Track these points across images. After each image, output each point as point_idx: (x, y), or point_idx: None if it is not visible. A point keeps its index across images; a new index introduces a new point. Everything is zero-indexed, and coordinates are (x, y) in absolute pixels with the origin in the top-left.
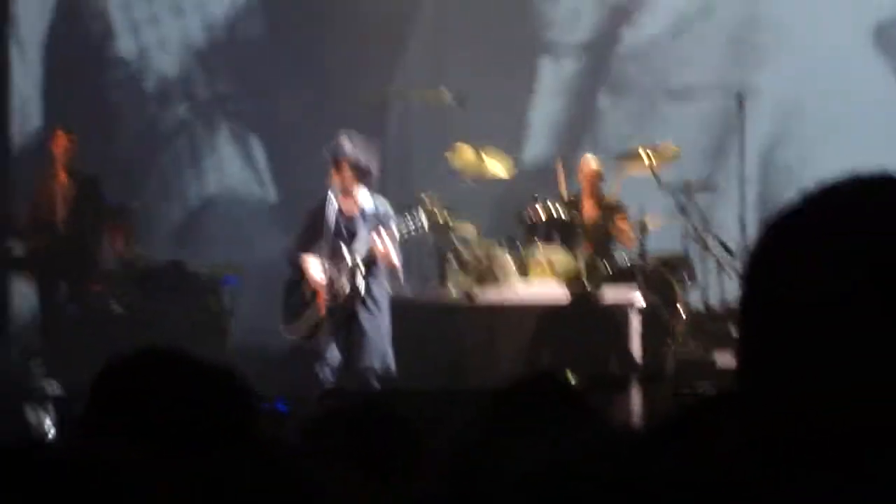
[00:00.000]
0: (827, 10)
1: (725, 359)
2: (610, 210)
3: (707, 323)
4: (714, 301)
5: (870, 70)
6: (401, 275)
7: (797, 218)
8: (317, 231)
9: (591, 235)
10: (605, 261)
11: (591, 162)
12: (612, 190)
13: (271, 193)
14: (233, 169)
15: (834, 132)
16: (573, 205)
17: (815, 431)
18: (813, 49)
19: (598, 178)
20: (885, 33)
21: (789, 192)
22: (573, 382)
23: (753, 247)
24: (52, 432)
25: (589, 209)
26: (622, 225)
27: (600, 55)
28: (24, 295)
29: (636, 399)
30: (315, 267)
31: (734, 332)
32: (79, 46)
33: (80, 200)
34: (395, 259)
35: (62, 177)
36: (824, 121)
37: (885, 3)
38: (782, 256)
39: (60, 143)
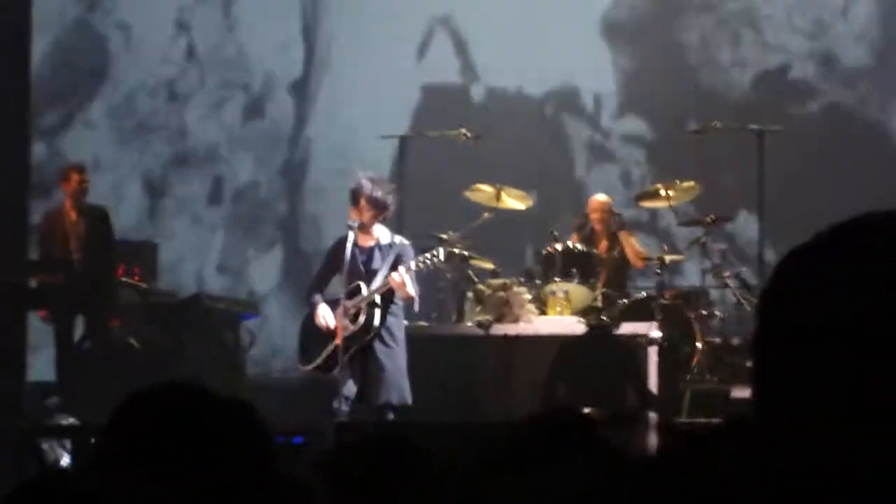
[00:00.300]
0: None
1: (744, 392)
2: (619, 235)
3: (725, 357)
4: (732, 335)
5: None
6: (417, 307)
7: (810, 254)
8: (336, 266)
9: (606, 268)
10: (622, 295)
11: (598, 197)
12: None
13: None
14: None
15: None
16: (588, 240)
17: (827, 464)
18: None
19: (607, 212)
20: None
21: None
22: (590, 417)
23: (767, 282)
24: (64, 460)
25: (602, 243)
26: (628, 247)
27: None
28: (38, 330)
29: (653, 433)
30: (327, 307)
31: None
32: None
33: (91, 236)
34: (412, 291)
35: (72, 214)
36: None
37: None
38: (795, 291)
39: (73, 181)
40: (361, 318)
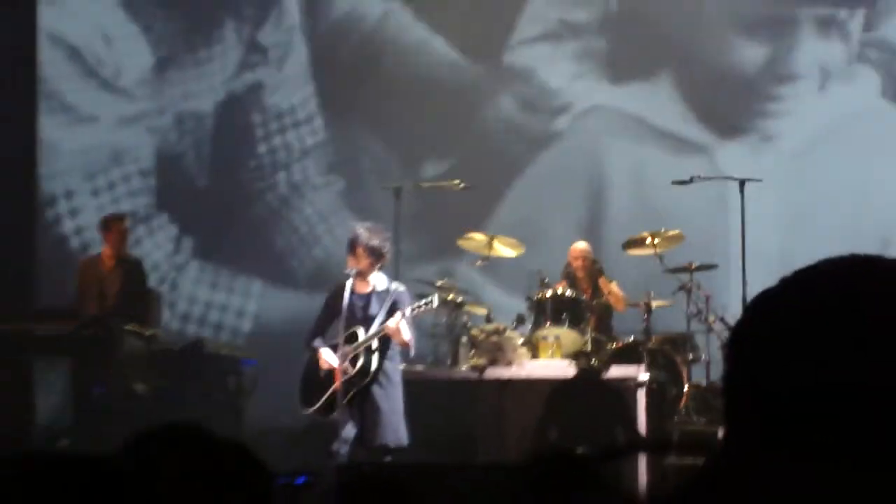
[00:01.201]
0: None
1: None
2: (606, 290)
3: (711, 398)
4: (717, 377)
5: None
6: (413, 351)
7: (775, 299)
8: (334, 312)
9: (595, 314)
10: (610, 339)
11: (578, 245)
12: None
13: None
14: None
15: None
16: (573, 286)
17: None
18: None
19: (588, 258)
20: None
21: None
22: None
23: (735, 325)
24: None
25: (587, 289)
26: (610, 287)
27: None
28: (44, 374)
29: (643, 470)
30: (329, 350)
31: None
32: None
33: (127, 288)
34: (407, 337)
35: (109, 263)
36: None
37: None
38: (761, 335)
39: (116, 230)
40: (359, 363)
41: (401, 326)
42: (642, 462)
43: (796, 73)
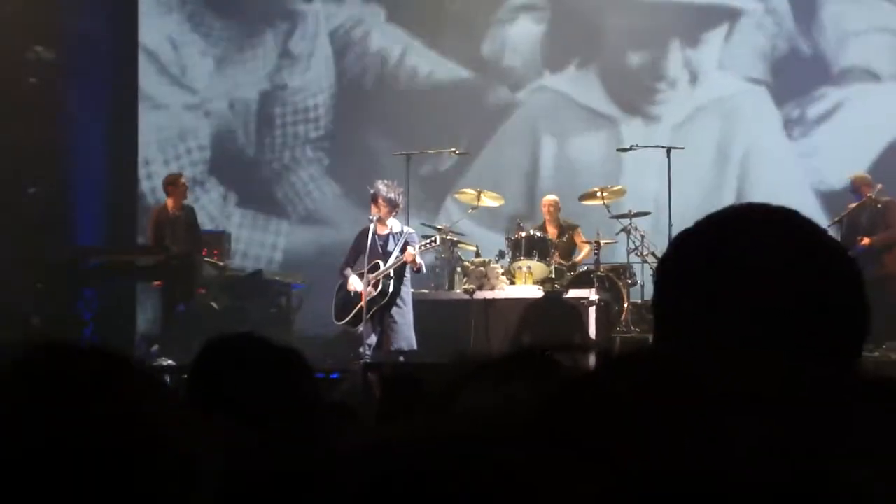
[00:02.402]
0: None
1: None
2: (568, 229)
3: (645, 313)
4: (649, 297)
5: None
6: (424, 271)
7: (691, 234)
8: (361, 248)
9: (558, 250)
10: (569, 269)
11: (548, 197)
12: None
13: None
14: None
15: None
16: (542, 228)
17: (700, 372)
18: None
19: (555, 208)
20: None
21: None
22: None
23: (662, 257)
24: None
25: (552, 231)
26: (578, 239)
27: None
28: (146, 296)
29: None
30: (356, 278)
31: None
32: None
33: (187, 226)
34: (420, 261)
35: (174, 209)
36: None
37: None
38: (680, 261)
39: (176, 187)
40: (380, 287)
41: (416, 255)
42: (592, 360)
43: (671, 75)
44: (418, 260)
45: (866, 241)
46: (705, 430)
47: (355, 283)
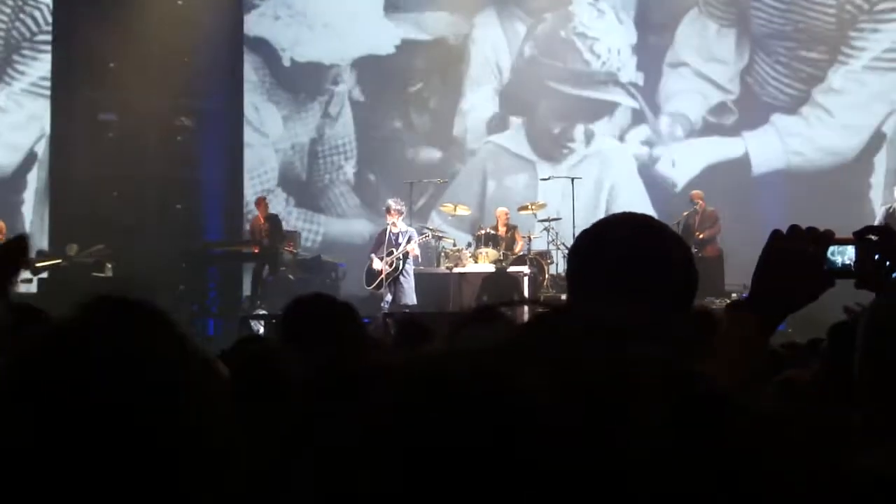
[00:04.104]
0: None
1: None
2: (511, 229)
3: (559, 282)
4: (563, 271)
5: None
6: (420, 258)
7: (590, 231)
8: (381, 242)
9: (505, 243)
10: (512, 254)
11: (500, 209)
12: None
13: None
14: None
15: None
16: (495, 228)
17: (600, 321)
18: None
19: (505, 216)
20: None
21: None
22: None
23: (571, 246)
24: (260, 331)
25: (502, 230)
26: (517, 235)
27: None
28: (248, 272)
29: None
30: (377, 259)
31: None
32: None
33: (272, 230)
34: (418, 252)
35: (262, 219)
36: None
37: None
38: (582, 245)
39: (262, 204)
40: (393, 265)
41: (414, 248)
42: (526, 312)
43: (575, 137)
44: (416, 251)
45: (700, 235)
46: (588, 351)
47: (377, 263)
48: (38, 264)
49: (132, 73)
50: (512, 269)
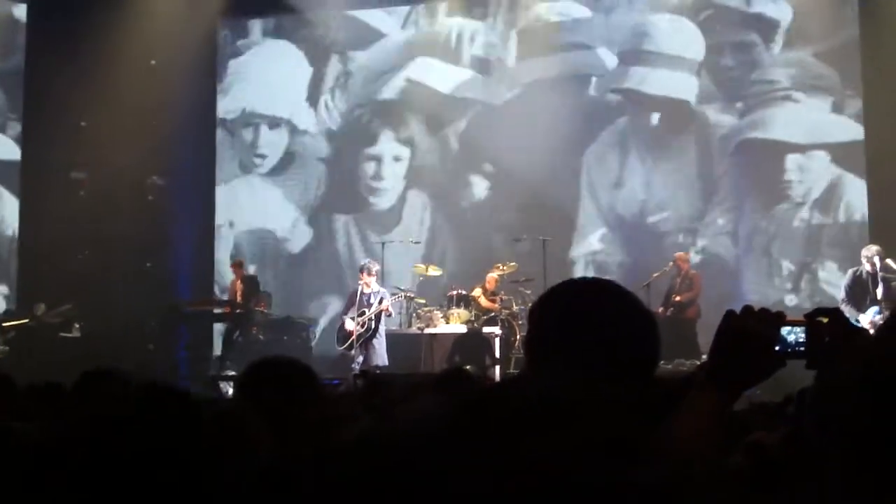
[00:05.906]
0: None
1: None
2: (492, 295)
3: None
4: None
5: None
6: (392, 314)
7: (551, 294)
8: (353, 301)
9: (476, 304)
10: (484, 315)
11: (491, 275)
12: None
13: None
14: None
15: None
16: (472, 291)
17: (554, 390)
18: None
19: (496, 281)
20: None
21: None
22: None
23: (532, 305)
24: (229, 392)
25: (485, 295)
26: (494, 299)
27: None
28: (217, 332)
29: (497, 376)
30: (350, 319)
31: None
32: None
33: (246, 291)
34: (392, 310)
35: (238, 282)
36: None
37: None
38: (542, 310)
39: (238, 266)
40: (365, 326)
41: (388, 306)
42: (497, 372)
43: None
44: (390, 309)
45: (678, 298)
46: (535, 431)
47: (349, 324)
48: (5, 324)
49: (104, 131)
50: (484, 330)
